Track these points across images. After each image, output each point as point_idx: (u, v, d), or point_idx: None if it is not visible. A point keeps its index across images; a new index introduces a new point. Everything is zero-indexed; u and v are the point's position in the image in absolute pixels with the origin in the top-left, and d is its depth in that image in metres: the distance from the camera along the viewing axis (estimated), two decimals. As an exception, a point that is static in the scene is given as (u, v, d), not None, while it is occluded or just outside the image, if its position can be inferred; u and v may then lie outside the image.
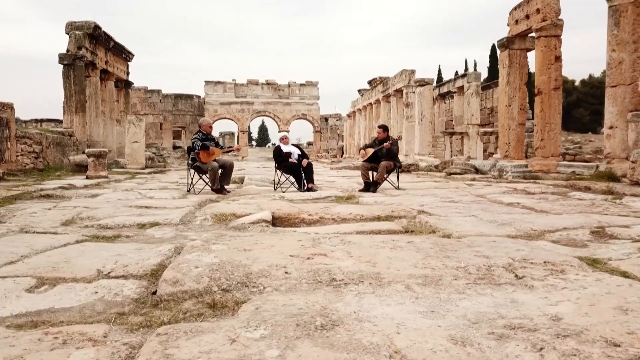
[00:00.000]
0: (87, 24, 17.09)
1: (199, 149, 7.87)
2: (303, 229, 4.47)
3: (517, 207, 5.94)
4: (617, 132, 10.50)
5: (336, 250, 3.27)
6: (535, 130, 13.54)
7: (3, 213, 5.28)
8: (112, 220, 4.89)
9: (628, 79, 10.32)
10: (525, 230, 4.24)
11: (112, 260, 3.11)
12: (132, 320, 2.17)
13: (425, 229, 4.47)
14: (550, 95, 13.02)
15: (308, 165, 8.61)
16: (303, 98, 51.19)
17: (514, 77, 14.73)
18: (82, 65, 16.77)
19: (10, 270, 2.90)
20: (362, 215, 5.12)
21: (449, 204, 6.22)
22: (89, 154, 11.54)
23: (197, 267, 2.80)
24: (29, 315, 2.26)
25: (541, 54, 13.14)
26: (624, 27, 10.33)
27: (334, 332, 1.84)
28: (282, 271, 2.79)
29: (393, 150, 8.77)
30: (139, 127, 15.54)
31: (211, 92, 50.60)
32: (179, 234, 4.29)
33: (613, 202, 6.23)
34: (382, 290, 2.50)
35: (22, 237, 3.93)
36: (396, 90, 26.46)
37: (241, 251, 3.17)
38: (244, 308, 2.20)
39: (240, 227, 4.52)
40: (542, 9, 13.12)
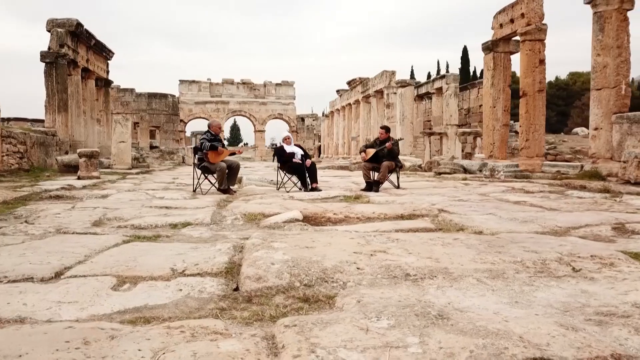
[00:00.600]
0: (69, 22, 16.76)
1: (208, 149, 7.88)
2: (339, 227, 4.58)
3: (526, 206, 6.20)
4: (602, 133, 10.96)
5: (391, 247, 3.41)
6: (520, 131, 13.97)
7: (25, 214, 5.23)
8: (142, 220, 4.91)
9: (612, 83, 10.79)
10: (551, 227, 4.47)
11: (179, 259, 3.17)
12: (239, 314, 2.26)
13: (453, 226, 4.65)
14: (534, 97, 13.46)
15: (312, 165, 8.73)
16: (279, 98, 51.14)
17: (499, 80, 15.16)
18: (65, 64, 16.44)
19: (85, 269, 2.93)
20: (386, 214, 5.28)
21: (460, 203, 6.43)
22: (81, 154, 11.37)
23: (273, 264, 2.90)
24: (131, 312, 2.32)
25: (526, 58, 13.56)
26: (608, 32, 10.78)
27: (454, 320, 1.98)
28: (354, 267, 2.91)
29: (394, 151, 8.97)
30: (125, 127, 15.35)
31: (186, 92, 50.10)
32: (215, 233, 4.36)
33: (613, 200, 6.56)
34: (458, 284, 2.65)
35: (67, 238, 3.93)
36: (376, 91, 26.76)
37: (303, 249, 3.28)
38: (345, 301, 2.32)
39: (274, 226, 4.61)
40: (527, 14, 13.55)
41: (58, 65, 16.19)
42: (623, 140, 10.43)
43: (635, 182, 7.81)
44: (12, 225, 4.53)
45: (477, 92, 29.09)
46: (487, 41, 15.34)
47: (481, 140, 26.60)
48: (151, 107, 47.74)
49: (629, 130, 10.25)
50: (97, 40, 19.29)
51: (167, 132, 48.15)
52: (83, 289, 2.57)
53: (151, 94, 47.71)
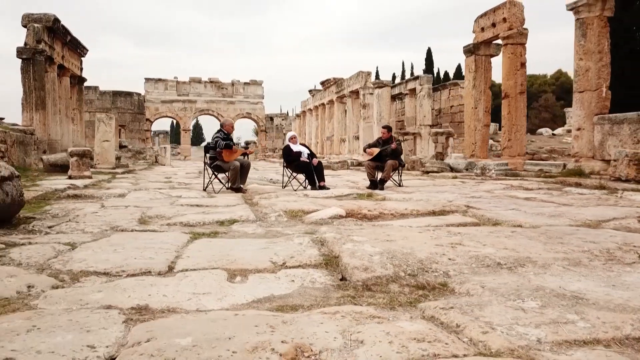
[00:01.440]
0: (47, 17, 16.28)
1: (223, 148, 7.91)
2: (387, 222, 4.75)
3: (538, 202, 6.54)
4: (584, 134, 11.55)
5: (462, 240, 3.62)
6: (502, 131, 14.52)
7: (60, 213, 5.17)
8: (185, 218, 4.95)
9: (594, 86, 11.39)
10: (582, 221, 4.79)
11: (268, 254, 3.28)
12: (374, 301, 2.40)
13: (489, 221, 4.90)
14: (516, 99, 14.02)
15: (318, 163, 8.88)
16: (247, 97, 50.87)
17: (480, 81, 15.68)
18: (42, 60, 15.96)
19: (190, 264, 3.01)
20: (418, 210, 5.50)
21: (475, 200, 6.73)
22: (73, 153, 11.12)
23: (371, 255, 3.06)
24: (266, 301, 2.43)
25: (508, 61, 14.11)
26: (590, 38, 11.38)
27: (592, 300, 2.20)
28: (445, 258, 3.10)
29: (398, 150, 9.24)
30: (109, 126, 15.05)
31: (152, 90, 49.15)
32: (268, 229, 4.47)
33: (615, 196, 7.00)
34: (549, 271, 2.88)
35: (133, 236, 3.96)
36: (352, 91, 27.08)
37: (385, 242, 3.45)
38: (468, 287, 2.50)
39: (321, 222, 4.75)
40: (509, 19, 14.09)
41: (35, 61, 15.71)
42: (604, 140, 11.04)
43: (626, 179, 8.32)
44: (64, 223, 4.49)
45: (447, 93, 29.83)
46: (468, 44, 15.84)
47: (453, 140, 27.28)
48: (116, 105, 46.63)
49: (610, 131, 10.86)
50: (73, 37, 18.79)
51: (133, 131, 47.21)
52: (205, 282, 2.66)
53: (116, 92, 46.61)
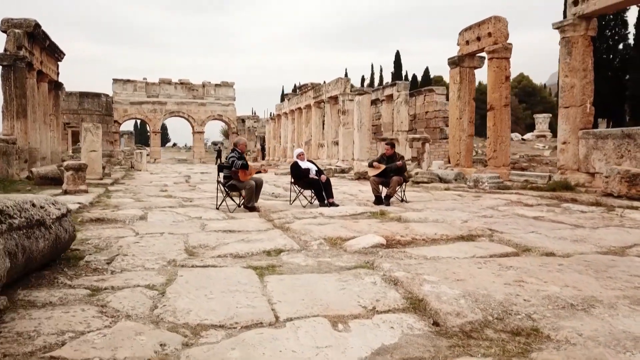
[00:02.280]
0: (27, 22, 15.84)
1: (239, 167, 7.97)
2: (427, 249, 4.95)
3: (548, 222, 6.91)
4: (569, 147, 12.12)
5: (521, 275, 3.87)
6: (488, 142, 15.02)
7: (101, 243, 5.18)
8: (231, 248, 5.04)
9: (579, 102, 11.97)
10: (607, 247, 5.14)
11: (352, 294, 3.44)
12: (485, 351, 2.61)
13: (520, 247, 5.19)
14: (501, 111, 14.55)
15: (327, 180, 9.05)
16: (219, 99, 50.50)
17: (464, 93, 16.17)
18: (24, 67, 15.53)
19: (290, 311, 3.12)
20: (447, 235, 5.75)
21: (490, 220, 7.04)
22: (69, 167, 10.91)
23: (456, 299, 3.26)
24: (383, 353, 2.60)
25: (493, 74, 14.62)
26: (575, 56, 11.94)
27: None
28: (520, 299, 3.34)
29: (403, 167, 9.51)
30: (96, 136, 14.78)
31: (120, 91, 48.22)
32: (319, 260, 4.62)
33: (616, 214, 7.45)
34: (620, 312, 3.15)
35: (203, 274, 4.03)
36: (331, 97, 27.33)
37: (456, 281, 3.66)
38: (565, 334, 2.74)
39: (365, 251, 4.93)
40: (494, 33, 14.60)
41: (16, 68, 15.27)
42: (589, 153, 11.62)
43: (618, 196, 8.83)
44: (117, 257, 4.51)
45: (423, 99, 30.44)
46: (453, 56, 16.30)
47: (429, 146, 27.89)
48: (83, 107, 45.50)
49: (595, 145, 11.44)
50: (51, 41, 18.32)
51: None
52: (318, 333, 2.80)
53: (83, 93, 45.41)
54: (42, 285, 3.56)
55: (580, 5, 11.72)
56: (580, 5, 11.72)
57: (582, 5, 11.69)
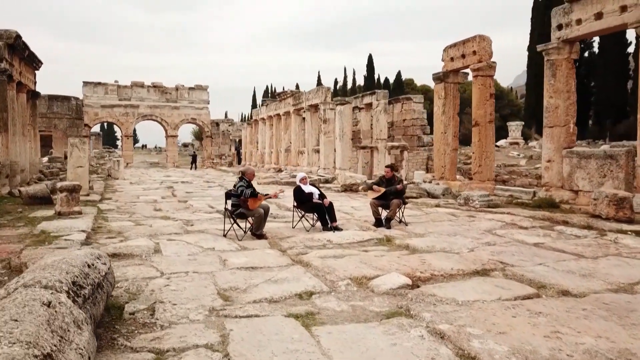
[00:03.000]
0: (8, 33, 15.45)
1: (249, 196, 8.05)
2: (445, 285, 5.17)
3: (549, 250, 7.26)
4: (554, 165, 12.62)
5: (554, 324, 4.14)
6: (473, 157, 15.45)
7: (131, 287, 5.22)
8: (262, 291, 5.16)
9: (562, 122, 12.48)
10: (616, 284, 5.48)
11: (407, 353, 3.62)
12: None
13: (534, 283, 5.48)
14: (486, 127, 15.00)
15: (330, 204, 9.21)
16: (192, 102, 49.97)
17: (449, 108, 16.59)
18: (5, 80, 15.16)
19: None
20: (463, 270, 6.02)
21: (495, 249, 7.34)
22: (63, 188, 10.75)
23: (507, 357, 3.49)
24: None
25: (478, 91, 15.06)
26: (559, 78, 12.45)
27: None
28: (564, 354, 3.59)
29: (403, 190, 9.77)
30: (83, 151, 14.56)
31: (91, 94, 47.21)
32: (352, 305, 4.80)
33: (610, 240, 7.87)
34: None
35: (252, 327, 4.13)
36: (311, 105, 27.48)
37: (500, 334, 3.89)
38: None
39: (393, 292, 5.14)
40: (479, 52, 15.04)
41: (-2, 81, 14.89)
42: (573, 172, 12.14)
43: (606, 218, 9.30)
44: (156, 306, 4.57)
45: (400, 107, 30.91)
46: (438, 72, 16.69)
47: (407, 154, 28.37)
48: (52, 110, 44.38)
49: (579, 164, 11.96)
50: (31, 51, 17.89)
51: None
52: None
53: (52, 96, 44.24)
54: (104, 348, 3.62)
55: (565, 30, 12.23)
56: (565, 30, 12.22)
57: (566, 30, 12.20)
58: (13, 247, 7.16)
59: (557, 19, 12.44)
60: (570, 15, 12.04)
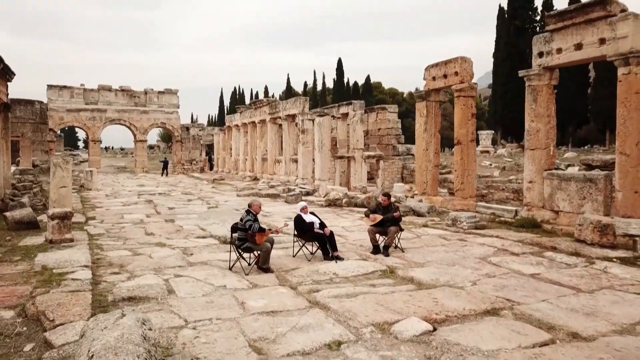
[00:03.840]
0: (-16, 49, 14.98)
1: (257, 231, 8.15)
2: (468, 336, 5.45)
3: (548, 283, 7.66)
4: (535, 186, 13.17)
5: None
6: (455, 175, 15.91)
7: (162, 341, 5.27)
8: (294, 343, 5.30)
9: (543, 145, 13.04)
10: (619, 325, 5.88)
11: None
12: None
13: (543, 324, 5.83)
14: (468, 146, 15.49)
15: (331, 233, 9.41)
16: (162, 106, 49.26)
17: (430, 125, 17.03)
18: (-18, 97, 14.70)
19: None
20: (474, 310, 6.33)
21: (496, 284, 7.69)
22: (54, 216, 10.56)
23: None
24: None
25: (460, 111, 15.53)
26: (540, 103, 13.01)
27: None
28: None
29: (400, 218, 10.07)
30: (66, 171, 14.23)
31: (55, 98, 45.95)
32: (382, 356, 5.02)
33: (599, 270, 8.35)
34: None
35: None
36: (288, 115, 27.58)
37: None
38: None
39: (417, 340, 5.38)
40: (460, 73, 15.52)
41: (-25, 98, 14.43)
42: (554, 193, 12.71)
43: (591, 243, 9.82)
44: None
45: (375, 116, 31.34)
46: (420, 91, 17.12)
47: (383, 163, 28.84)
48: (15, 115, 42.74)
49: (559, 186, 12.53)
50: (5, 64, 17.37)
51: (35, 142, 43.79)
52: None
53: (14, 100, 42.48)
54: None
55: (545, 58, 12.78)
56: (545, 58, 12.78)
57: (546, 58, 12.75)
58: (21, 290, 7.06)
59: (538, 47, 12.99)
60: (551, 44, 12.60)
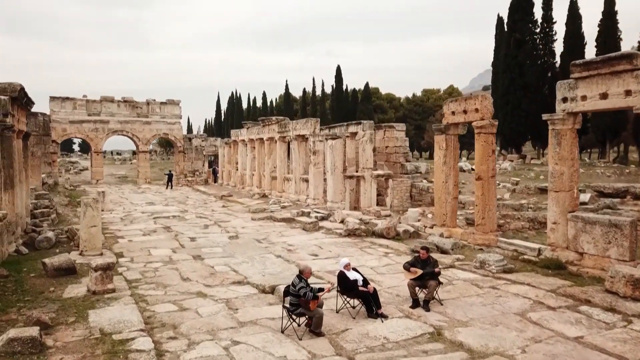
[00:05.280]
0: (12, 87, 15.09)
1: (312, 299, 8.42)
2: None
3: (594, 350, 7.98)
4: (559, 227, 13.53)
5: None
6: (476, 210, 16.23)
7: None
8: None
9: (567, 187, 13.39)
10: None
11: None
12: None
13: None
14: (488, 182, 15.82)
15: (374, 291, 9.68)
16: (164, 117, 49.34)
17: (449, 158, 17.36)
18: (11, 136, 14.84)
19: None
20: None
21: (545, 351, 8.02)
22: (98, 267, 10.76)
23: None
24: None
25: (481, 148, 15.87)
26: (564, 147, 13.36)
27: None
28: None
29: (439, 272, 10.39)
30: (96, 210, 14.45)
31: (58, 109, 45.90)
32: None
33: (635, 330, 8.70)
34: None
35: None
36: (298, 135, 27.82)
37: None
38: None
39: None
40: (481, 110, 15.87)
41: (4, 138, 14.55)
42: (578, 235, 13.06)
43: (623, 296, 10.18)
44: None
45: (382, 133, 31.58)
46: (440, 125, 17.45)
47: (392, 182, 29.15)
48: (18, 127, 42.77)
49: (583, 229, 12.89)
50: (28, 97, 17.49)
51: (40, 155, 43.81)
52: None
53: (18, 112, 42.72)
54: None
55: (570, 103, 13.13)
56: (570, 104, 13.13)
57: (571, 104, 13.10)
58: (92, 366, 7.28)
59: (562, 92, 13.33)
60: (576, 90, 12.94)
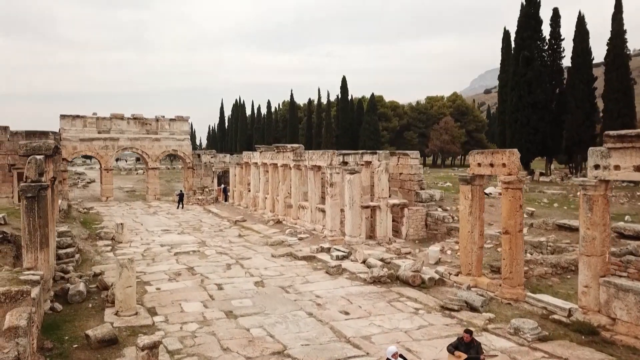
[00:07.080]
0: (47, 145, 15.38)
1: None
2: None
3: None
4: (591, 291, 13.74)
5: None
6: (503, 264, 16.41)
7: None
8: None
9: (599, 252, 13.60)
10: None
11: None
12: None
13: None
14: (516, 236, 16.03)
15: (422, 378, 9.90)
16: (173, 133, 49.51)
17: (475, 209, 17.56)
18: (46, 195, 15.00)
19: None
20: None
21: None
22: (145, 346, 10.94)
23: None
24: None
25: (509, 203, 16.07)
26: (595, 212, 13.56)
27: None
28: None
29: (484, 357, 10.62)
30: (131, 270, 14.62)
31: (68, 127, 46.05)
32: None
33: None
34: None
35: None
36: (314, 165, 28.00)
37: None
38: None
39: None
40: (508, 165, 16.06)
41: (40, 198, 14.73)
42: (610, 300, 13.28)
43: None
44: None
45: (396, 160, 31.80)
46: (466, 175, 17.63)
47: (408, 211, 29.32)
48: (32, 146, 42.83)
49: (616, 295, 13.11)
50: (57, 146, 17.66)
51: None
52: None
53: (29, 132, 42.76)
54: None
55: (602, 171, 13.33)
56: (602, 171, 13.32)
57: (603, 172, 13.29)
58: None
59: (594, 159, 13.53)
60: (609, 159, 13.14)
